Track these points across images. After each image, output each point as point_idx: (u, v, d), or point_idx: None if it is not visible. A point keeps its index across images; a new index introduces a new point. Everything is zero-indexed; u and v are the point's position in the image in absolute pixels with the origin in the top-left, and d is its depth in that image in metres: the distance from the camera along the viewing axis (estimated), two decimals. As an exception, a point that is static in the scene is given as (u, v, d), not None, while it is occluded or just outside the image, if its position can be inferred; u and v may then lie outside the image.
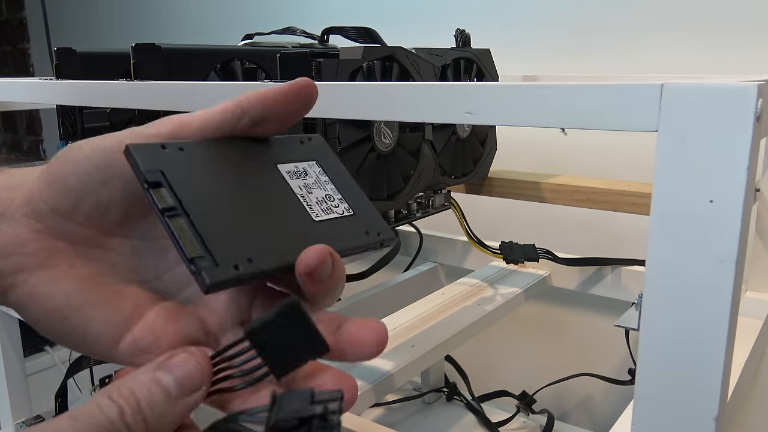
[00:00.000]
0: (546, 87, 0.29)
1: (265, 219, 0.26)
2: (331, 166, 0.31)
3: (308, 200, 0.28)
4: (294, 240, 0.26)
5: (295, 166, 0.29)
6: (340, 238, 0.28)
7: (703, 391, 0.27)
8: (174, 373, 0.23)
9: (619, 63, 0.83)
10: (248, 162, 0.28)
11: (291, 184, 0.29)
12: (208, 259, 0.23)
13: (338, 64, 0.50)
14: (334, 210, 0.29)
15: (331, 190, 0.30)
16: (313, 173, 0.30)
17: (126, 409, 0.22)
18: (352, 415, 0.43)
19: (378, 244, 0.29)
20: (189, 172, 0.26)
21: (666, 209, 0.26)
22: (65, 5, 1.70)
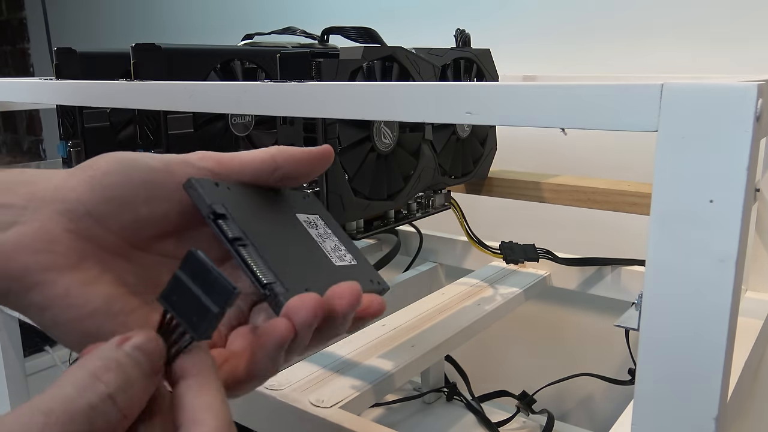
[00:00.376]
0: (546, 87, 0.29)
1: (306, 258, 0.30)
2: (330, 221, 0.34)
3: (325, 248, 0.32)
4: (330, 279, 0.29)
5: (307, 217, 0.33)
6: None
7: (703, 391, 0.27)
8: (145, 352, 0.22)
9: (619, 63, 0.83)
10: (276, 208, 0.31)
11: (310, 231, 0.32)
12: (280, 284, 0.26)
13: (338, 64, 0.50)
14: (344, 258, 0.32)
15: (336, 242, 0.33)
16: (321, 225, 0.33)
17: (113, 386, 0.21)
18: (351, 415, 0.43)
19: (380, 291, 0.32)
20: (242, 209, 0.28)
21: (666, 209, 0.26)
22: (65, 5, 1.70)
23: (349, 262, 0.32)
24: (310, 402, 0.44)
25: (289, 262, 0.28)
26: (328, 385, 0.47)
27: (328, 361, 0.51)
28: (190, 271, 0.23)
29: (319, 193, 0.53)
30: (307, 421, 0.43)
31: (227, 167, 0.29)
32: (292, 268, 0.27)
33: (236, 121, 0.64)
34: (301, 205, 0.33)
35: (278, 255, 0.27)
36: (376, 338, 0.54)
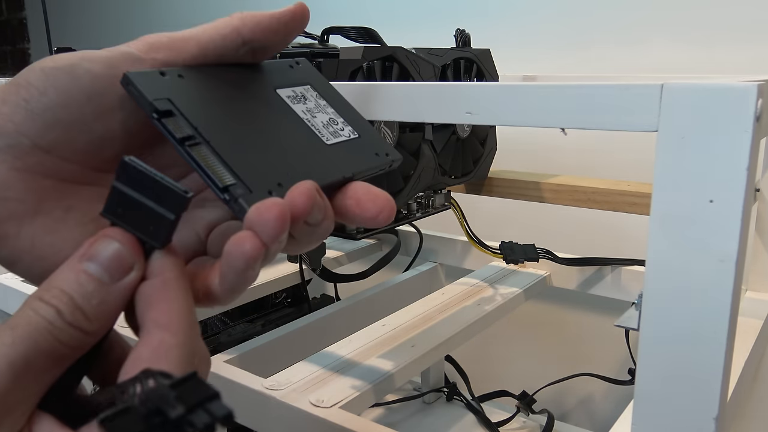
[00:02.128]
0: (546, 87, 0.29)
1: (282, 143, 0.25)
2: (326, 89, 0.30)
3: (315, 124, 0.28)
4: (315, 164, 0.25)
5: (292, 91, 0.28)
6: (356, 161, 0.27)
7: (703, 391, 0.27)
8: (98, 260, 0.21)
9: (619, 63, 0.83)
10: (249, 87, 0.27)
11: (294, 108, 0.28)
12: (241, 185, 0.22)
13: (338, 64, 0.50)
14: (340, 133, 0.28)
15: (333, 114, 0.29)
16: (311, 97, 0.29)
17: (62, 308, 0.20)
18: (351, 415, 0.43)
19: (389, 164, 0.29)
20: (195, 99, 0.24)
21: (666, 209, 0.26)
22: (65, 5, 1.70)
23: (347, 137, 0.28)
24: (310, 402, 0.44)
25: (257, 155, 0.24)
26: (328, 385, 0.47)
27: (328, 361, 0.51)
28: (130, 182, 0.21)
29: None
30: (307, 421, 0.43)
31: (182, 53, 0.25)
32: (260, 163, 0.23)
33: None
34: (285, 77, 0.29)
35: (243, 149, 0.24)
36: (376, 338, 0.54)
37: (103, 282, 0.21)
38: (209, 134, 0.23)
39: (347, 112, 0.30)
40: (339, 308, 0.65)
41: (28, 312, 0.20)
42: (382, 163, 0.28)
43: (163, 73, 0.24)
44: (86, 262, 0.21)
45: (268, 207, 0.21)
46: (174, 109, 0.23)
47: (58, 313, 0.20)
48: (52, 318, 0.20)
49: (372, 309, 0.67)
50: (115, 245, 0.21)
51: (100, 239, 0.21)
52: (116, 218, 0.21)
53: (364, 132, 0.29)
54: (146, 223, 0.21)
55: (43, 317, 0.20)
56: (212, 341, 0.71)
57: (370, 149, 0.28)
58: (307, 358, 0.51)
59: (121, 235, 0.21)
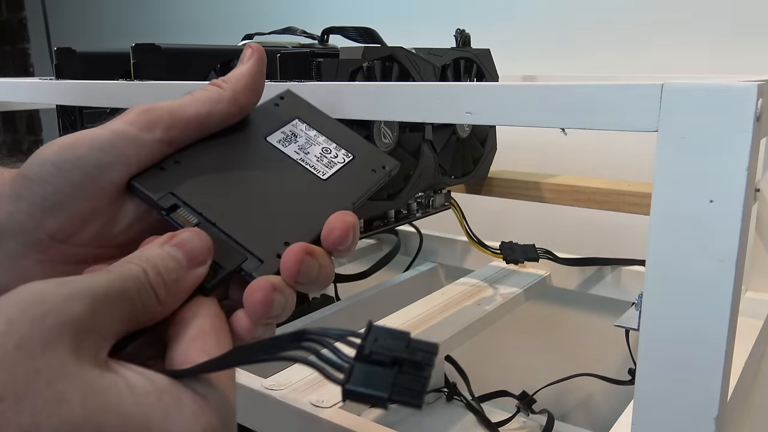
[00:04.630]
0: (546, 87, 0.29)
1: (282, 199, 0.27)
2: (314, 116, 0.31)
3: (309, 162, 0.29)
4: (316, 208, 0.27)
5: (282, 133, 0.29)
6: (354, 187, 0.28)
7: (703, 391, 0.27)
8: (181, 246, 0.24)
9: (619, 63, 0.83)
10: (239, 147, 0.28)
11: (286, 152, 0.29)
12: (252, 258, 0.25)
13: (338, 64, 0.50)
14: (335, 162, 0.29)
15: (325, 142, 0.30)
16: (301, 132, 0.30)
17: (148, 270, 0.23)
18: (351, 415, 0.43)
19: (387, 176, 0.30)
20: (194, 182, 0.26)
21: (666, 209, 0.26)
22: (65, 5, 1.70)
23: (342, 162, 0.29)
24: (310, 402, 0.44)
25: (260, 220, 0.26)
26: (328, 385, 0.47)
27: (328, 361, 0.50)
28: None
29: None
30: (307, 421, 0.43)
31: (184, 130, 0.26)
32: (264, 228, 0.26)
33: (236, 121, 0.64)
34: (273, 119, 0.30)
35: (246, 219, 0.26)
36: (376, 338, 0.54)
37: (182, 264, 0.24)
38: (214, 215, 0.26)
39: (338, 134, 0.30)
40: (339, 308, 0.65)
41: (121, 266, 0.23)
42: (380, 177, 0.29)
43: (162, 167, 0.26)
44: (170, 245, 0.24)
45: (253, 291, 0.24)
46: (178, 201, 0.26)
47: (145, 272, 0.22)
48: (139, 275, 0.22)
49: (372, 309, 0.67)
50: (196, 239, 0.24)
51: (184, 232, 0.24)
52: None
53: (357, 151, 0.30)
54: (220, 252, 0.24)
55: (133, 273, 0.22)
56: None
57: (366, 168, 0.29)
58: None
59: (200, 234, 0.24)
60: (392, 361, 0.19)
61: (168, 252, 0.24)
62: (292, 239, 0.25)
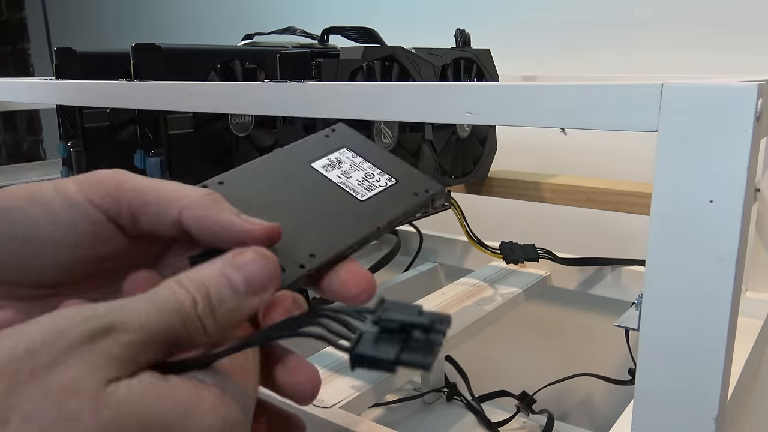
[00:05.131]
0: (546, 87, 0.29)
1: (316, 216, 0.28)
2: (362, 146, 0.32)
3: (350, 185, 0.30)
4: (347, 224, 0.28)
5: (328, 159, 0.31)
6: (391, 207, 0.29)
7: (703, 391, 0.27)
8: (243, 271, 0.22)
9: (619, 63, 0.83)
10: (283, 171, 0.30)
11: (329, 176, 0.30)
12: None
13: (338, 64, 0.50)
14: (377, 185, 0.30)
15: (369, 168, 0.31)
16: (347, 159, 0.31)
17: (198, 299, 0.21)
18: (351, 415, 0.43)
19: (430, 200, 0.30)
20: (236, 200, 0.27)
21: (666, 209, 0.26)
22: (65, 5, 1.70)
23: (384, 186, 0.30)
24: (310, 402, 0.44)
25: (290, 233, 0.26)
26: (328, 385, 0.47)
27: (328, 361, 0.51)
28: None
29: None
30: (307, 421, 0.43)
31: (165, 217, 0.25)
32: (293, 240, 0.26)
33: (236, 121, 0.64)
34: (321, 147, 0.31)
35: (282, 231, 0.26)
36: (376, 338, 0.54)
37: (239, 292, 0.22)
38: None
39: (385, 161, 0.31)
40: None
41: (168, 292, 0.21)
42: (421, 200, 0.30)
43: (205, 185, 0.27)
44: (231, 268, 0.22)
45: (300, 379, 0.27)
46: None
47: (194, 303, 0.21)
48: (188, 305, 0.21)
49: (372, 309, 0.67)
50: (261, 263, 0.23)
51: (248, 252, 0.23)
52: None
53: (402, 176, 0.31)
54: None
55: (178, 300, 0.21)
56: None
57: (407, 191, 0.30)
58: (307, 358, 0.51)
59: (266, 257, 0.23)
60: (401, 326, 0.20)
61: (226, 277, 0.22)
62: (318, 252, 0.26)
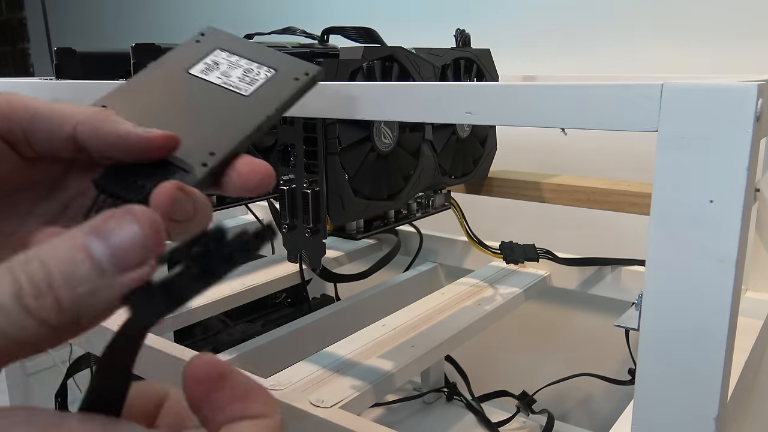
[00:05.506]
0: (546, 87, 0.29)
1: (207, 118, 0.29)
2: (234, 44, 0.33)
3: (231, 83, 0.30)
4: (238, 119, 0.29)
5: (204, 64, 0.31)
6: (276, 96, 0.30)
7: (703, 391, 0.27)
8: (109, 240, 0.16)
9: (619, 63, 0.83)
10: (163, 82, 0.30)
11: (209, 79, 0.31)
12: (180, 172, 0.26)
13: (338, 64, 0.50)
14: (258, 79, 0.31)
15: (246, 64, 0.31)
16: (222, 60, 0.32)
17: (25, 287, 0.15)
18: (351, 415, 0.43)
19: (311, 82, 0.31)
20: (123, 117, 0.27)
21: (666, 209, 0.26)
22: (65, 5, 1.70)
23: (265, 78, 0.31)
24: (310, 402, 0.44)
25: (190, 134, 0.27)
26: (328, 385, 0.47)
27: (328, 361, 0.51)
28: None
29: (320, 193, 0.53)
30: (307, 421, 0.43)
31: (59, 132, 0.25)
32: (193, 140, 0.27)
33: (236, 121, 0.64)
34: (193, 54, 0.32)
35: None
36: (376, 338, 0.54)
37: (103, 269, 0.16)
38: None
39: (260, 54, 0.32)
40: (339, 308, 0.65)
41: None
42: (302, 84, 0.31)
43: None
44: (93, 237, 0.16)
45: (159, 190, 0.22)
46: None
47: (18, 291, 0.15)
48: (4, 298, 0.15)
49: (372, 309, 0.67)
50: (135, 228, 0.17)
51: (122, 214, 0.17)
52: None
53: (280, 65, 0.32)
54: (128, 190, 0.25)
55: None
56: (212, 341, 0.71)
57: (288, 78, 0.31)
58: (307, 358, 0.51)
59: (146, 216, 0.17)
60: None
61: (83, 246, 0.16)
62: (216, 149, 0.27)
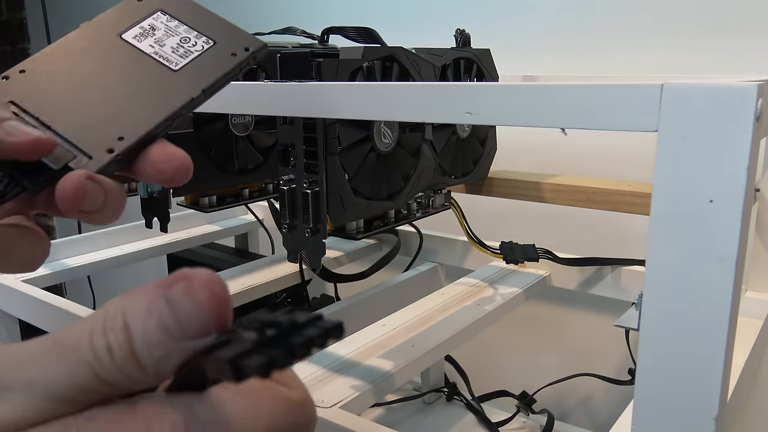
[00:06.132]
0: (546, 87, 0.29)
1: (125, 95, 0.26)
2: (180, 7, 0.29)
3: (163, 54, 0.28)
4: (158, 99, 0.26)
5: (140, 28, 0.29)
6: (206, 74, 0.27)
7: (703, 391, 0.27)
8: (176, 309, 0.17)
9: (619, 63, 0.83)
10: (90, 48, 0.28)
11: (140, 46, 0.28)
12: (82, 157, 0.24)
13: (338, 64, 0.50)
14: (193, 50, 0.28)
15: (185, 31, 0.29)
16: (161, 24, 0.29)
17: (115, 348, 0.17)
18: (351, 415, 0.43)
19: (250, 59, 0.28)
20: (36, 88, 0.26)
21: (666, 209, 0.26)
22: (65, 5, 1.70)
23: (200, 50, 0.28)
24: (310, 402, 0.44)
25: (95, 115, 0.25)
26: (328, 385, 0.47)
27: (328, 361, 0.51)
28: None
29: (320, 193, 0.53)
30: (307, 421, 0.43)
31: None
32: (98, 123, 0.25)
33: (236, 121, 0.64)
34: (133, 16, 0.29)
35: (80, 116, 0.25)
36: (376, 338, 0.54)
37: (174, 336, 0.17)
38: (49, 118, 0.24)
39: (204, 21, 0.29)
40: (339, 308, 0.65)
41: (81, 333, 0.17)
42: (240, 60, 0.28)
43: (6, 77, 0.25)
44: (164, 302, 0.17)
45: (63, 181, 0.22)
46: (17, 109, 0.25)
47: (109, 350, 0.17)
48: (101, 353, 0.17)
49: (372, 309, 0.67)
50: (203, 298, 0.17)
51: (186, 282, 0.17)
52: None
53: (222, 36, 0.29)
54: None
55: (91, 349, 0.17)
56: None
57: (226, 52, 0.28)
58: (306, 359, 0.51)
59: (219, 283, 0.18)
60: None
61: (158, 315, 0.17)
62: (126, 133, 0.24)
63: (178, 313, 0.17)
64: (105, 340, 0.17)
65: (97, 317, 0.17)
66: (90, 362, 0.17)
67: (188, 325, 0.17)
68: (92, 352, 0.17)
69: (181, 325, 0.17)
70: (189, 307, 0.17)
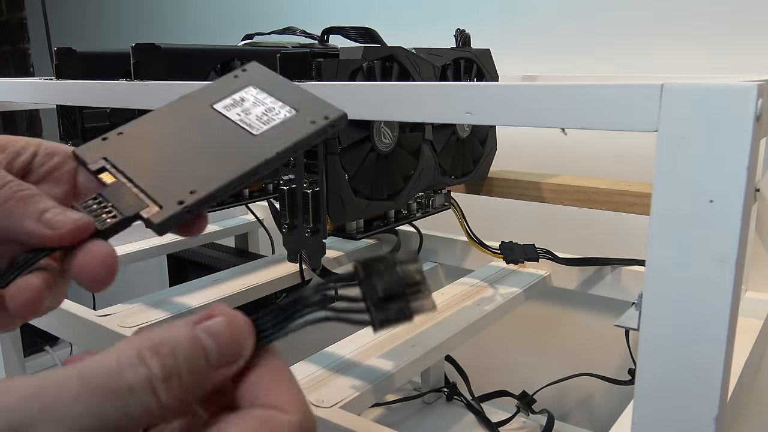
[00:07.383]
0: (546, 87, 0.29)
1: (205, 154, 0.28)
2: (270, 82, 0.32)
3: (247, 121, 0.30)
4: (235, 159, 0.28)
5: (231, 99, 0.31)
6: (283, 138, 0.29)
7: (703, 391, 0.27)
8: (216, 337, 0.20)
9: (619, 63, 0.83)
10: (183, 115, 0.30)
11: (228, 115, 0.30)
12: (152, 206, 0.26)
13: (338, 64, 0.50)
14: (275, 118, 0.30)
15: (271, 102, 0.31)
16: (250, 96, 0.31)
17: (156, 372, 0.18)
18: (351, 415, 0.43)
19: (329, 126, 0.30)
20: (127, 147, 0.28)
21: (666, 209, 0.26)
22: (65, 5, 1.70)
23: (282, 118, 0.30)
24: (310, 402, 0.44)
25: (181, 170, 0.27)
26: (328, 385, 0.47)
27: (328, 361, 0.51)
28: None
29: (320, 193, 0.53)
30: (307, 421, 0.43)
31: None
32: (180, 176, 0.27)
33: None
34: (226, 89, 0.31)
35: (165, 171, 0.27)
36: (376, 338, 0.54)
37: (212, 364, 0.19)
38: (132, 172, 0.27)
39: (291, 94, 0.31)
40: (339, 308, 0.65)
41: (108, 368, 0.18)
42: (319, 128, 0.30)
43: (105, 138, 0.28)
44: (204, 332, 0.20)
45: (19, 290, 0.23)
46: (107, 165, 0.27)
47: (149, 377, 0.18)
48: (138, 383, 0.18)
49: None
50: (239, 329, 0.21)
51: (223, 316, 0.20)
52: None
53: (305, 105, 0.30)
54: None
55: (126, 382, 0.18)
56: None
57: (305, 120, 0.30)
58: (307, 358, 0.51)
59: (240, 317, 0.21)
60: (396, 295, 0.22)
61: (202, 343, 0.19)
62: (199, 187, 0.26)
63: (220, 343, 0.19)
64: (145, 368, 0.18)
65: (122, 351, 0.18)
66: (121, 394, 0.18)
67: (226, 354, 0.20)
68: (126, 385, 0.18)
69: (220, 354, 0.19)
70: (227, 340, 0.20)
